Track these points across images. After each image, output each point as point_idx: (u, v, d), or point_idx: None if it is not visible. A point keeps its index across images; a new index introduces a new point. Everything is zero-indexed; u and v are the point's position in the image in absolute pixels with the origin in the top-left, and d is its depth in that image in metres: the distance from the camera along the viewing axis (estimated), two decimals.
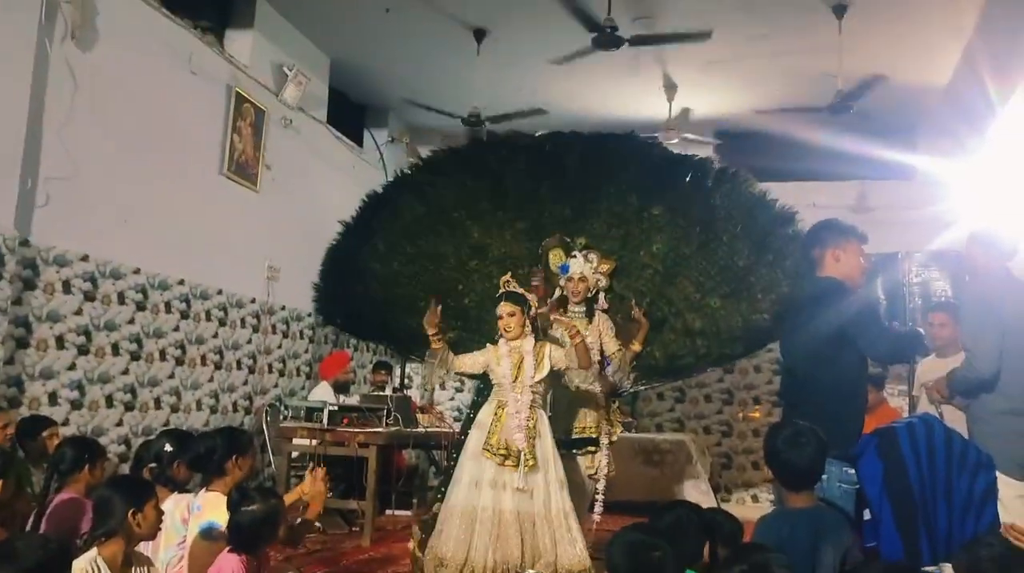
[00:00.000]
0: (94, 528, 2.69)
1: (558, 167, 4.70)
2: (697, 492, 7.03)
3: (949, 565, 2.91)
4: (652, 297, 4.57)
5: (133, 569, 2.73)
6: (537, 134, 4.94)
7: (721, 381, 8.49)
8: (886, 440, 3.14)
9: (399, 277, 4.80)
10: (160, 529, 2.95)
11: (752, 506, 7.96)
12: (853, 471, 3.18)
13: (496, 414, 3.98)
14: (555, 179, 4.72)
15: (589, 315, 4.50)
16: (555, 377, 4.15)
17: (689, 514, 2.91)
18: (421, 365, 5.66)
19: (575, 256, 4.50)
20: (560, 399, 4.41)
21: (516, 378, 3.99)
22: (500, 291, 4.17)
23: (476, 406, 4.42)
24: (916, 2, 6.12)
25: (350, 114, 8.62)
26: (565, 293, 4.49)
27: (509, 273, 4.36)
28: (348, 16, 6.94)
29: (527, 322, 4.07)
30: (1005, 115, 6.33)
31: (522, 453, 3.88)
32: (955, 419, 4.35)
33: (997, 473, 3.17)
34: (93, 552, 2.61)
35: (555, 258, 4.61)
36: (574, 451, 4.39)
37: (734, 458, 8.38)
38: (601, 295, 4.52)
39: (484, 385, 4.37)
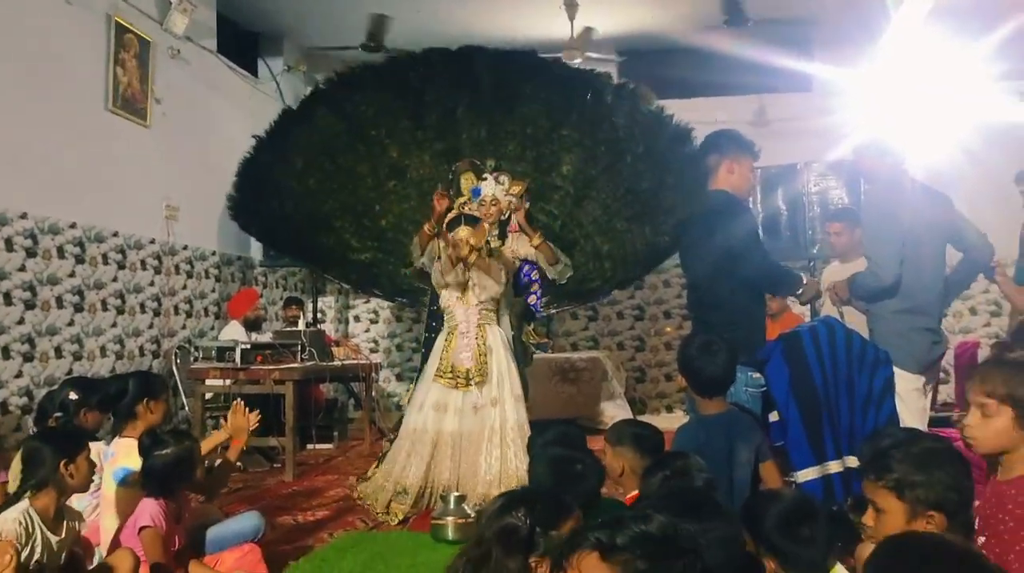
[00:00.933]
0: (25, 479, 2.60)
1: (474, 86, 4.67)
2: (613, 407, 7.22)
3: (853, 457, 3.07)
4: (563, 219, 4.63)
5: (64, 522, 2.65)
6: (454, 48, 4.83)
7: (632, 298, 8.65)
8: (791, 344, 3.26)
9: (316, 194, 4.72)
10: (92, 480, 2.87)
11: (667, 417, 8.22)
12: (759, 376, 3.31)
13: (447, 339, 4.08)
14: (472, 98, 4.68)
15: (502, 238, 4.51)
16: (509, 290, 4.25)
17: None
18: (336, 295, 5.62)
19: (486, 179, 4.48)
20: None
21: (462, 297, 4.07)
22: (454, 214, 4.21)
23: (429, 333, 4.48)
24: None
25: (243, 43, 8.25)
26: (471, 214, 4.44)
27: (495, 174, 4.44)
28: None
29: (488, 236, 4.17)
30: (898, 20, 6.46)
31: (469, 372, 3.97)
32: (855, 321, 4.57)
33: (895, 368, 3.34)
34: (25, 503, 2.53)
35: (466, 182, 4.59)
36: None
37: (648, 372, 8.61)
38: (514, 217, 4.52)
39: (434, 315, 4.41)
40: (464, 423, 3.97)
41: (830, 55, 7.81)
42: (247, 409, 3.47)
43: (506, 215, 4.51)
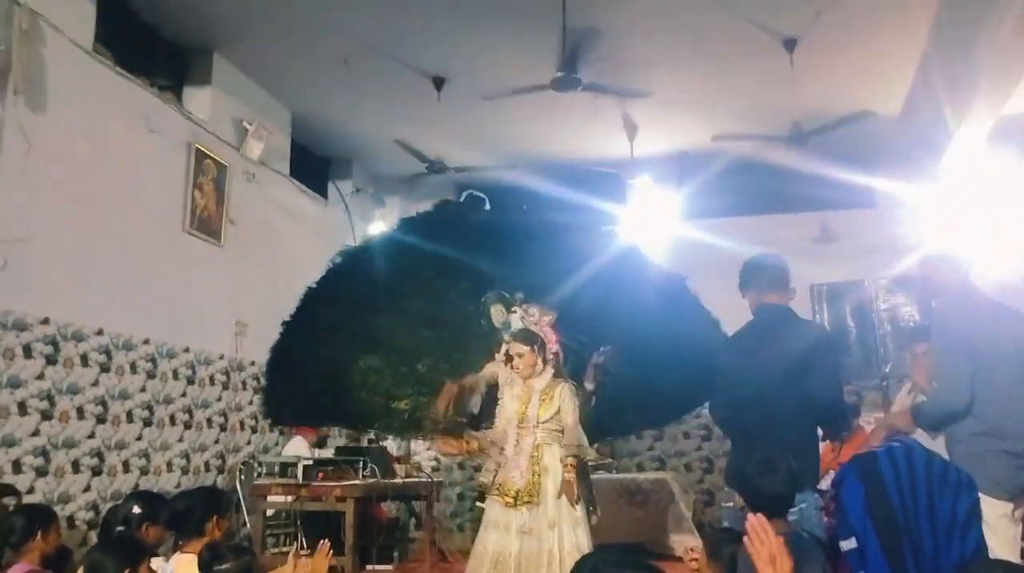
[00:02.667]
0: None
1: (499, 242, 4.66)
2: (680, 530, 6.95)
3: None
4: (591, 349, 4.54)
5: None
6: (479, 208, 4.88)
7: (698, 417, 8.44)
8: (866, 465, 3.11)
9: (347, 362, 4.78)
10: None
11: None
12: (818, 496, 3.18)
13: (502, 454, 4.02)
14: (487, 238, 4.69)
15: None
16: None
17: None
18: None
19: (515, 311, 4.44)
20: None
21: (522, 419, 4.01)
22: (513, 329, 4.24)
23: None
24: (865, 32, 6.26)
25: (314, 166, 8.61)
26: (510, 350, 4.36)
27: (524, 306, 4.44)
28: (307, 69, 6.96)
29: (540, 360, 4.08)
30: (960, 137, 6.46)
31: (519, 493, 3.88)
32: (931, 442, 4.38)
33: (981, 495, 3.16)
34: None
35: (496, 314, 4.55)
36: None
37: (716, 495, 8.32)
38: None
39: None
40: (523, 545, 3.86)
41: (892, 171, 7.79)
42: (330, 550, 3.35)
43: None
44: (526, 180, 4.63)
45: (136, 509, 3.66)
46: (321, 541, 3.21)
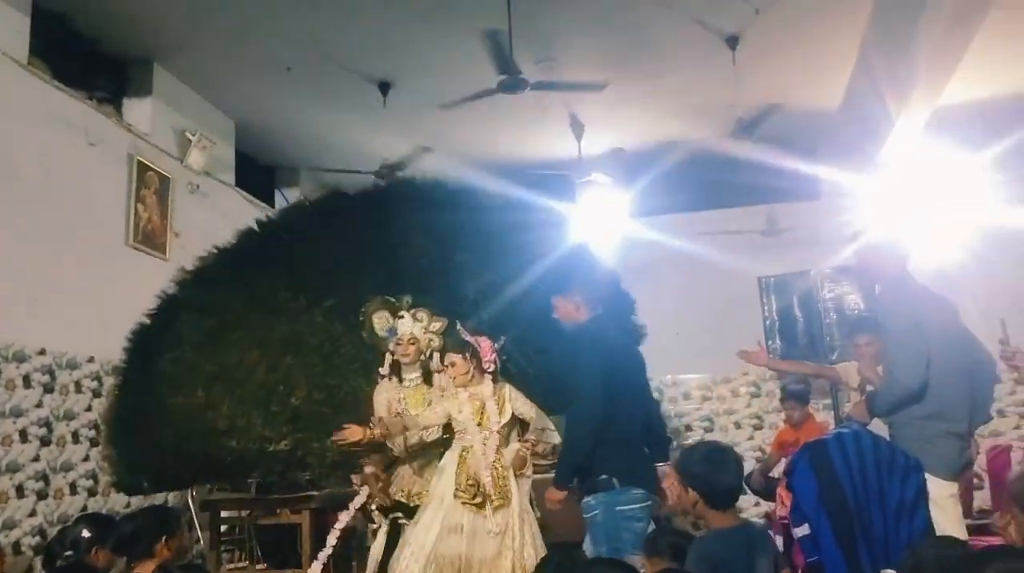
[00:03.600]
0: None
1: (356, 233, 4.40)
2: None
3: (890, 570, 2.93)
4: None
5: None
6: (305, 200, 4.66)
7: None
8: (817, 453, 3.16)
9: (207, 402, 4.30)
10: None
11: (691, 532, 7.97)
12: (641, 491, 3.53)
13: (461, 457, 3.94)
14: (356, 244, 4.41)
15: (427, 379, 4.28)
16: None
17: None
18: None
19: (402, 317, 4.22)
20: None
21: (480, 422, 3.96)
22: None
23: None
24: (804, 27, 6.36)
25: (260, 176, 8.50)
26: (396, 357, 4.22)
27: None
28: (250, 78, 6.88)
29: (475, 366, 4.01)
30: (899, 127, 6.60)
31: (489, 495, 3.84)
32: (877, 426, 4.47)
33: (928, 476, 3.24)
34: None
35: (380, 322, 4.26)
36: None
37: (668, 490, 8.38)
38: (436, 356, 4.26)
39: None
40: (481, 548, 3.82)
41: (835, 163, 7.94)
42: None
43: (427, 354, 4.25)
44: (476, 182, 4.43)
45: (85, 533, 3.56)
46: None
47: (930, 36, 5.53)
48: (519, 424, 4.13)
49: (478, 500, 3.83)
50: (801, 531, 3.08)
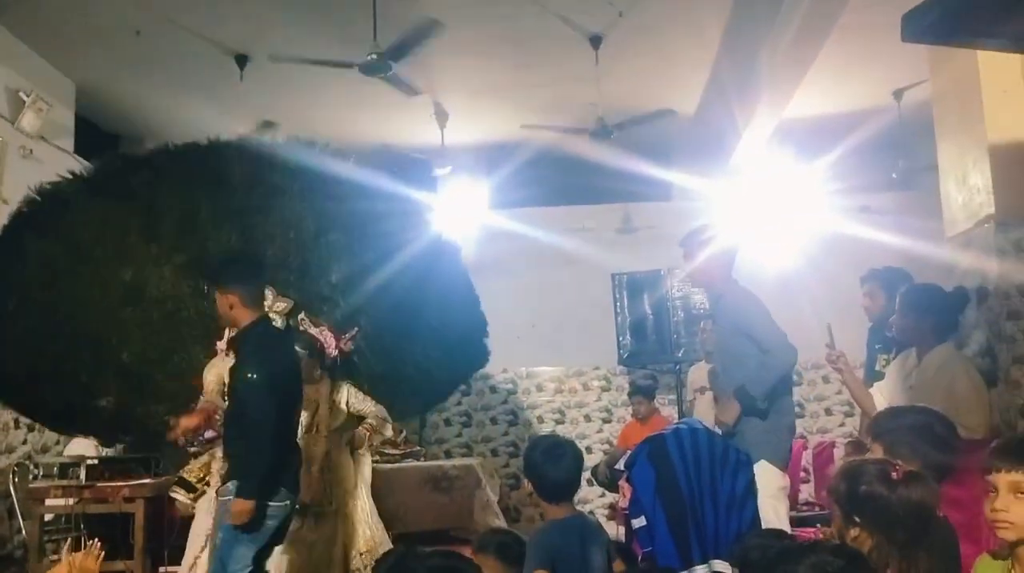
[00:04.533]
0: None
1: (218, 185, 4.18)
2: (487, 515, 7.06)
3: (719, 561, 3.08)
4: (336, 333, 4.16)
5: None
6: (180, 144, 4.25)
7: (505, 402, 8.63)
8: (656, 447, 3.28)
9: (36, 336, 4.05)
10: None
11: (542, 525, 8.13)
12: None
13: None
14: (216, 199, 4.19)
15: None
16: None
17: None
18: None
19: None
20: None
21: (311, 427, 3.83)
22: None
23: None
24: (664, 34, 6.58)
25: (102, 144, 8.00)
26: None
27: (302, 313, 3.98)
28: (94, 39, 6.47)
29: (319, 366, 3.88)
30: (747, 136, 6.94)
31: (306, 506, 3.74)
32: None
33: (771, 467, 3.47)
34: None
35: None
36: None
37: (522, 478, 8.50)
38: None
39: None
40: (312, 553, 3.74)
41: (688, 167, 8.26)
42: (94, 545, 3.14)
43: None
44: (333, 165, 4.20)
45: None
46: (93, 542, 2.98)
47: (776, 51, 5.84)
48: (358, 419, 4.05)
49: (299, 513, 3.74)
50: (638, 522, 3.19)
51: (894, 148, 7.92)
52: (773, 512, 3.44)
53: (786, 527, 3.45)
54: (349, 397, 3.92)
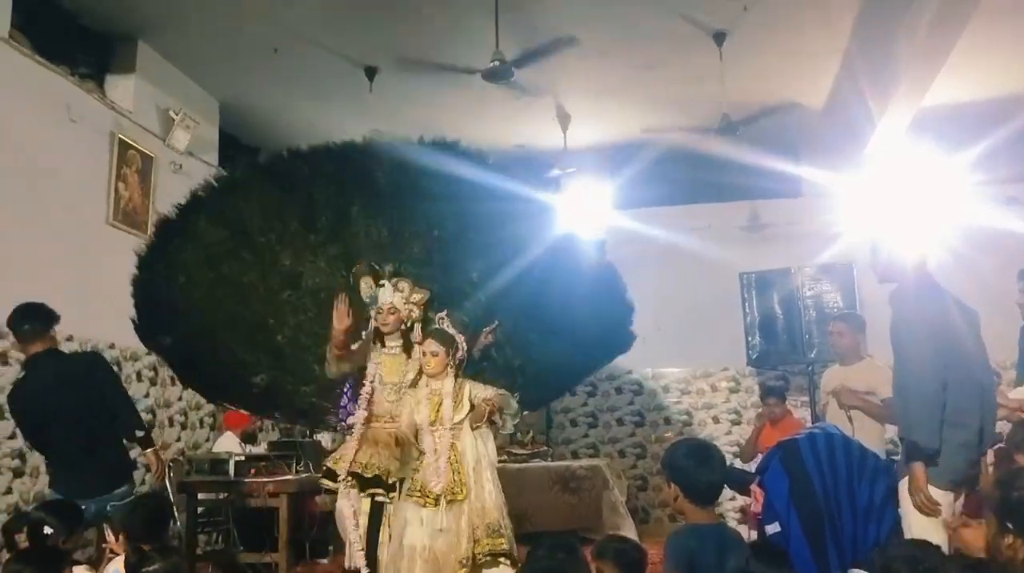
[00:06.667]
0: None
1: (369, 183, 4.31)
2: (616, 516, 7.06)
3: (857, 570, 2.98)
4: (474, 329, 4.28)
5: None
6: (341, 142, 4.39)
7: (632, 404, 8.59)
8: (789, 453, 3.22)
9: (202, 310, 4.32)
10: None
11: (670, 526, 8.05)
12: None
13: (418, 459, 3.96)
14: (367, 197, 4.34)
15: (407, 349, 4.23)
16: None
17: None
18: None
19: (383, 285, 4.17)
20: None
21: (435, 421, 3.96)
22: (432, 326, 4.13)
23: None
24: (791, 26, 6.39)
25: (244, 157, 8.43)
26: (377, 325, 4.18)
27: (445, 311, 4.15)
28: (235, 58, 6.83)
29: (452, 363, 4.01)
30: (882, 128, 6.65)
31: (442, 497, 3.85)
32: (865, 424, 4.52)
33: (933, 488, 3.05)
34: None
35: (365, 287, 4.23)
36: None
37: (650, 480, 8.46)
38: (417, 327, 4.22)
39: None
40: (439, 541, 3.85)
41: (818, 161, 8.00)
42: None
43: (408, 325, 4.19)
44: (470, 170, 4.33)
45: (50, 522, 3.47)
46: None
47: (913, 38, 5.58)
48: None
49: (430, 501, 3.86)
50: (772, 529, 3.14)
51: None
52: (929, 529, 2.94)
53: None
54: (473, 389, 4.03)
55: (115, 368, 5.90)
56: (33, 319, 4.25)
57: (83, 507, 3.71)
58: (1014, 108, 6.93)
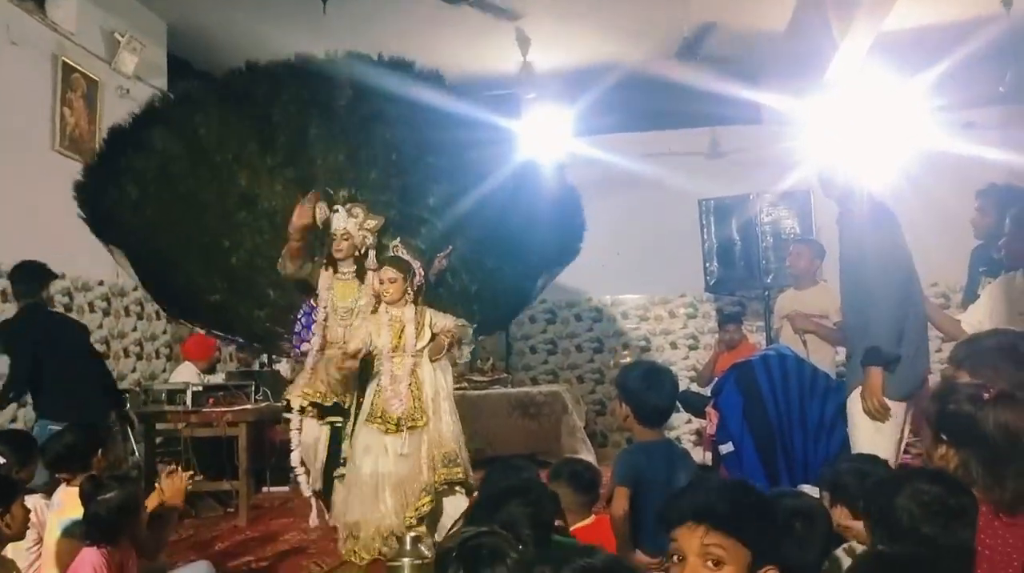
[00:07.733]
0: None
1: (328, 105, 4.23)
2: (574, 440, 7.18)
3: (807, 486, 3.06)
4: (430, 255, 4.26)
5: None
6: (294, 58, 4.27)
7: (591, 330, 8.66)
8: (743, 374, 3.27)
9: (156, 227, 4.20)
10: (27, 529, 2.76)
11: (629, 446, 8.20)
12: None
13: (379, 384, 3.97)
14: (326, 119, 4.25)
15: (359, 275, 4.21)
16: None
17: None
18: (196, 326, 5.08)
19: (337, 210, 4.12)
20: None
21: (396, 347, 3.96)
22: (386, 254, 4.09)
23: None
24: None
25: (193, 81, 8.18)
26: (330, 250, 4.16)
27: (398, 238, 4.14)
28: None
29: (409, 290, 4.00)
30: (842, 51, 6.60)
31: (400, 420, 3.88)
32: (819, 348, 4.60)
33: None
34: None
35: (321, 213, 4.15)
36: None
37: (608, 404, 8.59)
38: (371, 254, 4.19)
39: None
40: (400, 467, 3.89)
41: (778, 87, 7.96)
42: (180, 469, 3.34)
43: (362, 251, 4.16)
44: (417, 92, 4.21)
45: (2, 451, 3.43)
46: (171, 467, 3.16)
47: None
48: None
49: (390, 427, 3.89)
50: (725, 449, 3.21)
51: (1002, 59, 7.44)
52: (880, 441, 3.00)
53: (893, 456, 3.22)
54: (434, 318, 4.03)
55: (66, 298, 5.81)
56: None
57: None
58: (973, 30, 6.90)
